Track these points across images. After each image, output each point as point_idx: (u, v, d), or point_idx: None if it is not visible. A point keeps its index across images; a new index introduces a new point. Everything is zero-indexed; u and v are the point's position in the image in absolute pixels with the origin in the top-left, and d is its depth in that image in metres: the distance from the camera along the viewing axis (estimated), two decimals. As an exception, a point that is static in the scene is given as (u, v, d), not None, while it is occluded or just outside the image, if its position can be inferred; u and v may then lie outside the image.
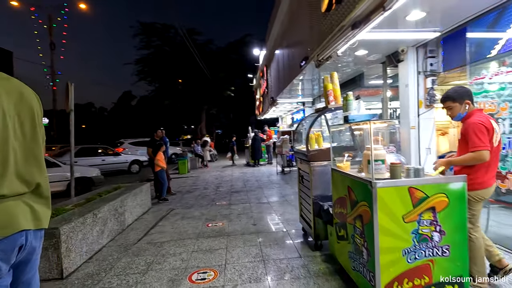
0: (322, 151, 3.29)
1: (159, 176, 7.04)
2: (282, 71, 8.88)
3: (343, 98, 2.94)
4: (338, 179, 2.67)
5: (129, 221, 4.84)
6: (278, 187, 7.99)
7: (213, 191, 7.97)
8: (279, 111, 15.11)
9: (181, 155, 12.16)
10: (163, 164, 7.02)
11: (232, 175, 10.80)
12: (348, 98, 2.80)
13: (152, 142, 7.45)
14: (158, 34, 18.34)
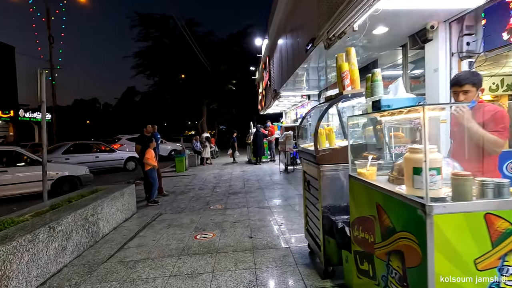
0: (335, 151, 2.53)
1: (149, 176, 6.34)
2: (286, 61, 8.09)
3: (368, 79, 2.17)
4: (361, 192, 1.92)
5: (105, 231, 4.14)
6: (280, 188, 7.24)
7: (209, 192, 7.25)
8: (282, 105, 14.31)
9: (178, 152, 11.45)
10: (153, 163, 6.32)
11: (232, 174, 10.08)
12: (375, 78, 2.02)
13: (141, 138, 6.74)
14: (156, 26, 17.57)
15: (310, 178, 2.92)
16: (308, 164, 2.92)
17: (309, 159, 2.84)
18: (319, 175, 2.53)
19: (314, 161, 2.64)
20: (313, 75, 8.10)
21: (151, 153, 6.32)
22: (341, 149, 2.52)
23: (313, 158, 2.64)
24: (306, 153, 2.93)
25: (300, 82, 8.88)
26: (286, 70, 8.09)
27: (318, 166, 2.52)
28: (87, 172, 8.38)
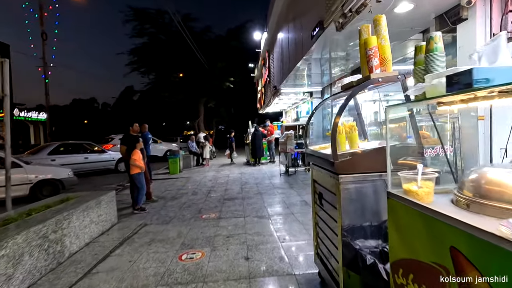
0: (361, 156, 1.87)
1: (136, 180, 5.67)
2: (287, 54, 7.43)
3: (419, 50, 1.51)
4: (412, 221, 1.26)
5: (73, 249, 3.47)
6: (281, 193, 6.58)
7: (203, 197, 6.58)
8: (282, 104, 13.65)
9: (172, 153, 10.78)
10: (140, 164, 5.65)
11: (229, 176, 9.41)
12: (433, 47, 1.33)
13: (126, 138, 6.07)
14: (152, 21, 16.88)
15: (323, 190, 2.25)
16: (321, 172, 2.25)
17: (322, 166, 2.18)
18: (337, 188, 1.87)
19: (330, 169, 1.97)
20: (315, 70, 7.46)
21: (138, 155, 5.65)
22: (369, 153, 1.86)
23: (328, 164, 1.97)
24: (318, 158, 2.27)
25: (302, 78, 8.23)
26: (287, 64, 7.43)
27: (337, 177, 1.86)
28: (71, 175, 7.69)
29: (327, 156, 1.99)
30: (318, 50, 5.13)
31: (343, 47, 4.80)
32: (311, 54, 5.25)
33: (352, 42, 4.73)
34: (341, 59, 6.34)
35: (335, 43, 4.56)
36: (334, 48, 4.98)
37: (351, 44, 4.91)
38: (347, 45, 4.87)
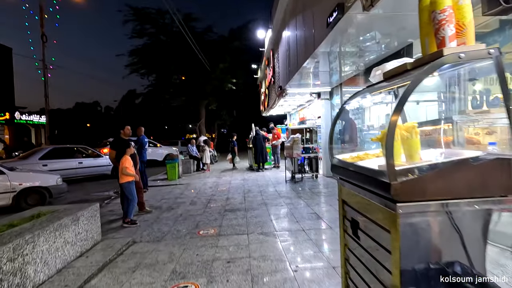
0: (443, 174, 1.21)
1: (125, 190, 5.06)
2: (294, 51, 6.82)
3: None
4: None
5: (40, 279, 2.83)
6: (288, 204, 5.92)
7: (202, 208, 5.94)
8: (287, 106, 13.01)
9: (171, 158, 10.17)
10: (131, 172, 5.03)
11: (231, 183, 8.76)
12: None
13: (116, 143, 5.46)
14: (152, 21, 16.36)
15: (361, 219, 1.60)
16: (358, 193, 1.60)
17: (363, 185, 1.53)
18: (394, 223, 1.21)
19: (379, 192, 1.32)
20: (324, 67, 6.83)
21: (129, 161, 5.03)
22: (457, 168, 1.20)
23: (377, 185, 1.32)
24: (355, 173, 1.62)
25: (309, 77, 7.61)
26: (294, 62, 6.81)
27: (394, 205, 1.20)
28: (59, 182, 7.08)
29: (375, 172, 1.35)
30: (333, 41, 4.48)
31: (362, 36, 4.17)
32: (324, 47, 4.61)
33: (372, 32, 4.11)
34: (353, 56, 5.71)
35: (355, 30, 3.93)
36: (351, 39, 4.35)
37: (370, 35, 4.29)
38: (367, 34, 4.25)
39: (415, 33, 4.45)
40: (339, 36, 4.06)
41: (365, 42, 4.75)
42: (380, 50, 5.08)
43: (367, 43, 4.76)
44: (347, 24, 3.64)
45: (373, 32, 4.09)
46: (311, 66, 6.28)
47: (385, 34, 4.28)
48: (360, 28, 3.90)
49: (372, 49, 5.09)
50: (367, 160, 1.65)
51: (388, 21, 3.74)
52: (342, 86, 7.88)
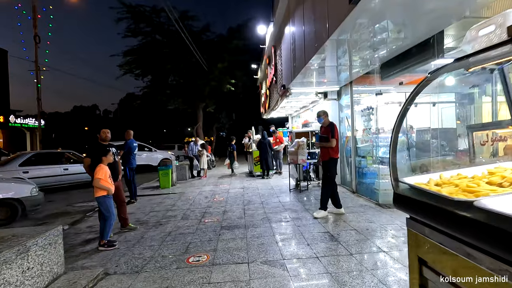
0: None
1: (101, 206, 4.25)
2: (301, 43, 6.04)
3: None
4: None
5: None
6: (294, 218, 5.10)
7: (195, 224, 5.12)
8: (289, 108, 12.22)
9: (164, 164, 9.34)
10: (107, 185, 4.21)
11: (229, 192, 7.94)
12: None
13: (92, 149, 4.65)
14: (147, 19, 15.61)
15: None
16: (466, 256, 0.79)
17: (487, 246, 0.71)
18: None
19: None
20: (332, 63, 6.06)
21: (103, 171, 4.21)
22: None
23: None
24: (461, 218, 0.80)
25: (315, 75, 6.83)
26: (301, 55, 6.03)
27: None
28: (34, 192, 6.24)
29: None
30: (353, 24, 3.67)
31: (388, 16, 3.39)
32: (339, 32, 3.82)
33: (399, 12, 3.32)
34: (367, 48, 4.93)
35: (380, 8, 3.14)
36: (374, 20, 3.56)
37: (395, 17, 3.51)
38: (391, 17, 3.47)
39: (450, 17, 3.69)
40: (363, 15, 3.26)
41: (384, 31, 3.98)
42: (404, 39, 4.29)
43: (388, 31, 3.99)
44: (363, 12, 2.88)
45: (400, 13, 3.32)
46: (321, 59, 5.50)
47: (413, 17, 3.50)
48: (387, 6, 3.12)
49: (393, 37, 4.31)
50: (494, 197, 0.83)
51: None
52: (352, 84, 7.10)
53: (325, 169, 5.19)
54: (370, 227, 4.45)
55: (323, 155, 5.18)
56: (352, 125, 7.13)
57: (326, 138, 5.06)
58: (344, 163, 7.94)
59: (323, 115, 5.26)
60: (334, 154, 5.09)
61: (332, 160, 5.08)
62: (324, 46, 4.50)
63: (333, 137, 4.99)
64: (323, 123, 5.26)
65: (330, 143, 5.00)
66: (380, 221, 4.73)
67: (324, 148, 5.13)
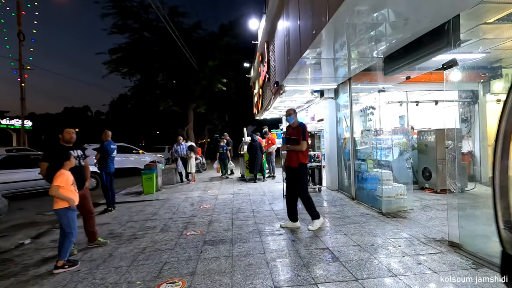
0: None
1: (61, 220, 3.58)
2: (296, 34, 5.46)
3: None
4: None
5: None
6: (288, 231, 4.49)
7: (174, 237, 4.46)
8: (283, 108, 11.64)
9: (148, 168, 8.65)
10: (68, 194, 3.55)
11: (217, 199, 7.28)
12: None
13: (50, 152, 3.96)
14: (134, 15, 14.90)
15: None
16: None
17: None
18: None
19: None
20: (327, 59, 5.51)
21: (65, 178, 3.55)
22: None
23: None
24: None
25: (310, 71, 6.26)
26: (295, 47, 5.44)
27: None
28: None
29: None
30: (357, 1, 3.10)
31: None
32: (344, 12, 3.23)
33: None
34: (370, 38, 4.39)
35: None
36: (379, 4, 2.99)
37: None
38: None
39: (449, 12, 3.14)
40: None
41: (391, 16, 3.42)
42: (417, 23, 3.73)
43: (395, 14, 3.43)
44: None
45: None
46: (316, 53, 4.93)
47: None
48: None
49: (400, 24, 3.75)
50: None
51: None
52: (351, 81, 6.55)
53: (295, 177, 4.55)
54: (376, 242, 3.86)
55: (291, 160, 4.53)
56: (351, 125, 6.56)
57: (296, 140, 4.42)
58: (341, 167, 7.38)
59: (294, 113, 4.64)
60: (304, 159, 4.48)
61: (302, 166, 4.49)
62: (322, 33, 3.91)
63: (304, 139, 4.39)
64: (292, 123, 4.65)
65: (301, 146, 4.39)
66: (386, 234, 4.15)
67: (293, 152, 4.49)
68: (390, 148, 6.18)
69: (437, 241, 3.79)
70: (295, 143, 4.45)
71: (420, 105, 7.75)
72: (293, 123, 4.64)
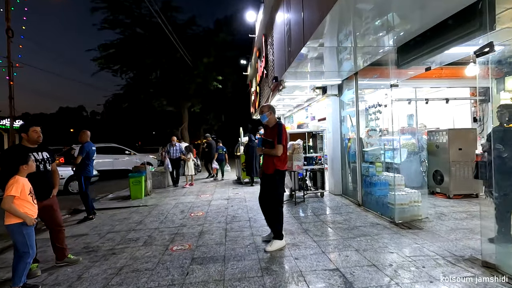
0: None
1: (13, 238, 2.95)
2: (297, 20, 4.88)
3: None
4: None
5: None
6: (291, 246, 3.89)
7: (158, 253, 3.84)
8: (281, 107, 11.06)
9: (136, 170, 8.01)
10: (22, 209, 2.92)
11: (210, 205, 6.67)
12: None
13: (8, 154, 3.33)
14: (126, 10, 14.22)
15: None
16: None
17: None
18: None
19: None
20: (330, 55, 4.95)
21: (20, 186, 2.92)
22: None
23: None
24: None
25: (312, 65, 5.69)
26: (297, 36, 4.85)
27: None
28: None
29: None
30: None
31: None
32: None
33: None
34: (381, 28, 3.83)
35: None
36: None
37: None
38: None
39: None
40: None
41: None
42: (432, 8, 3.15)
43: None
44: None
45: None
46: (318, 43, 4.35)
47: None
48: None
49: (421, 3, 3.17)
50: None
51: None
52: (357, 76, 5.97)
53: (269, 186, 3.86)
54: (394, 260, 3.27)
55: (267, 166, 3.84)
56: (357, 125, 5.98)
57: (271, 143, 3.74)
58: (345, 170, 6.80)
59: (268, 111, 3.89)
60: (280, 165, 3.79)
61: (278, 173, 3.79)
62: (327, 19, 3.32)
63: (279, 142, 3.68)
64: (267, 121, 3.90)
65: (276, 150, 3.68)
66: (404, 249, 3.56)
67: (268, 156, 3.82)
68: (401, 149, 5.61)
69: (466, 260, 3.20)
70: (270, 146, 3.77)
71: (428, 103, 7.19)
72: (268, 122, 3.90)
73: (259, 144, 3.98)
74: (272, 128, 3.90)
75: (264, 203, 4.03)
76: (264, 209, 4.05)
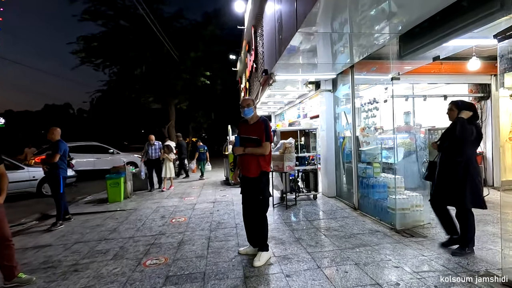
0: None
1: None
2: (288, 8, 4.38)
3: None
4: None
5: None
6: (281, 259, 3.40)
7: (128, 269, 3.30)
8: (272, 104, 10.57)
9: (115, 171, 7.37)
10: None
11: (194, 209, 6.13)
12: None
13: None
14: (109, 1, 13.42)
15: None
16: None
17: None
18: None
19: None
20: (325, 45, 4.49)
21: None
22: None
23: None
24: None
25: (304, 57, 5.22)
26: (289, 23, 4.35)
27: None
28: None
29: None
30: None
31: None
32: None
33: None
34: (380, 18, 3.38)
35: None
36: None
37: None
38: None
39: None
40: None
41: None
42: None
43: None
44: None
45: None
46: (313, 28, 3.88)
47: None
48: None
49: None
50: None
51: None
52: (353, 70, 5.53)
53: (254, 191, 3.39)
54: (401, 277, 2.82)
55: (249, 168, 3.36)
56: (353, 122, 5.54)
57: (257, 141, 3.30)
58: (340, 170, 6.37)
59: (253, 104, 3.51)
60: (266, 166, 3.38)
61: (264, 176, 3.38)
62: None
63: (267, 139, 3.29)
64: (250, 117, 3.45)
65: (264, 148, 3.28)
66: (410, 263, 3.12)
67: (251, 157, 3.34)
68: (399, 148, 5.20)
69: (482, 276, 2.78)
70: (255, 145, 3.30)
71: (425, 100, 6.83)
72: (251, 117, 3.46)
73: (237, 143, 3.45)
74: (255, 124, 3.42)
75: (249, 213, 3.52)
76: (248, 221, 3.55)
